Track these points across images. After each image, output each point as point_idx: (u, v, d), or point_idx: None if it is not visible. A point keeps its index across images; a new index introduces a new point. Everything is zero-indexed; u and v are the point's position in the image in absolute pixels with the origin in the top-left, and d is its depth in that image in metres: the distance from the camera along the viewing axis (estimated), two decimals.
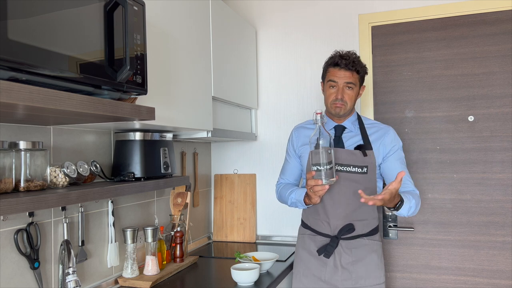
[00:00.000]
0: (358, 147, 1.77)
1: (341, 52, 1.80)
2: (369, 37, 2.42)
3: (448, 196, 2.29)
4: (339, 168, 1.74)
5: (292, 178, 1.98)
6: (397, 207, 1.65)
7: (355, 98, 1.79)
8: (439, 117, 2.31)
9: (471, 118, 2.26)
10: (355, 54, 1.79)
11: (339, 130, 1.83)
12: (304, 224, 1.92)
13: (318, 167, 1.57)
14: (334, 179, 1.58)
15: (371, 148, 1.78)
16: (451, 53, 2.30)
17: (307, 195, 1.70)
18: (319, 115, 1.59)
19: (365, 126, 1.84)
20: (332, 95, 1.77)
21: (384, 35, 2.41)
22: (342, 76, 1.74)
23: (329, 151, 1.58)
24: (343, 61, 1.74)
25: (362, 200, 1.48)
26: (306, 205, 1.78)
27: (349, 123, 1.84)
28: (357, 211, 1.76)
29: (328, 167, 1.57)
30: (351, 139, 1.82)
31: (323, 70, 1.86)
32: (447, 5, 2.29)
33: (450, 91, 2.29)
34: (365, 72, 1.81)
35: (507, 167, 2.20)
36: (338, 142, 1.80)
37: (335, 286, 1.77)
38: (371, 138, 1.81)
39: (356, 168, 1.74)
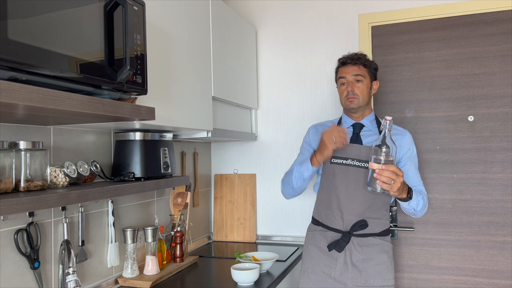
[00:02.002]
0: None
1: (349, 53, 1.90)
2: (369, 37, 2.42)
3: (448, 196, 2.29)
4: (357, 163, 1.78)
5: None
6: (409, 196, 1.69)
7: (367, 92, 1.84)
8: (439, 117, 2.31)
9: (471, 118, 2.26)
10: (362, 53, 1.89)
11: (357, 127, 1.87)
12: (314, 221, 1.93)
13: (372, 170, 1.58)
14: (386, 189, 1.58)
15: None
16: (451, 53, 2.30)
17: (316, 153, 1.76)
18: (387, 121, 1.56)
19: None
20: (344, 91, 1.85)
21: (384, 35, 2.41)
22: (349, 71, 1.83)
23: (389, 159, 1.56)
24: (349, 58, 1.85)
25: (375, 175, 1.55)
26: (313, 166, 1.79)
27: (367, 122, 1.88)
28: (371, 208, 1.78)
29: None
30: (369, 137, 1.85)
31: (335, 74, 1.94)
32: (447, 5, 2.28)
33: (450, 91, 2.29)
34: (373, 66, 1.87)
35: (507, 167, 2.20)
36: (356, 139, 1.84)
37: (344, 284, 1.76)
38: None
39: None
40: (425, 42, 2.34)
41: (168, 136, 1.80)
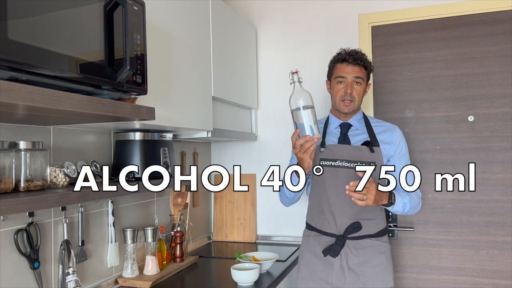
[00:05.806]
0: (365, 143, 1.76)
1: (347, 49, 1.79)
2: (369, 37, 2.42)
3: (448, 196, 2.29)
4: (346, 164, 1.72)
5: None
6: (391, 201, 1.66)
7: (362, 95, 1.79)
8: (439, 117, 2.31)
9: (471, 118, 2.26)
10: (361, 51, 1.81)
11: (345, 127, 1.82)
12: (308, 226, 1.88)
13: (302, 124, 1.57)
14: (318, 135, 1.57)
15: (378, 145, 1.76)
16: (451, 53, 2.30)
17: (298, 162, 1.68)
18: (295, 74, 1.59)
19: (372, 124, 1.83)
20: (340, 91, 1.76)
21: (384, 35, 2.41)
22: (350, 71, 1.73)
23: (309, 108, 1.57)
24: (351, 56, 1.73)
25: (347, 192, 1.56)
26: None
27: (355, 121, 1.83)
28: (364, 209, 1.73)
29: (311, 123, 1.57)
30: (357, 136, 1.80)
31: (330, 68, 1.84)
32: (447, 5, 2.29)
33: (450, 91, 2.29)
34: (371, 68, 1.80)
35: (507, 167, 2.20)
36: (344, 139, 1.79)
37: None
38: (378, 137, 1.79)
39: (363, 165, 1.71)
40: (425, 42, 2.34)
41: (168, 136, 1.79)
